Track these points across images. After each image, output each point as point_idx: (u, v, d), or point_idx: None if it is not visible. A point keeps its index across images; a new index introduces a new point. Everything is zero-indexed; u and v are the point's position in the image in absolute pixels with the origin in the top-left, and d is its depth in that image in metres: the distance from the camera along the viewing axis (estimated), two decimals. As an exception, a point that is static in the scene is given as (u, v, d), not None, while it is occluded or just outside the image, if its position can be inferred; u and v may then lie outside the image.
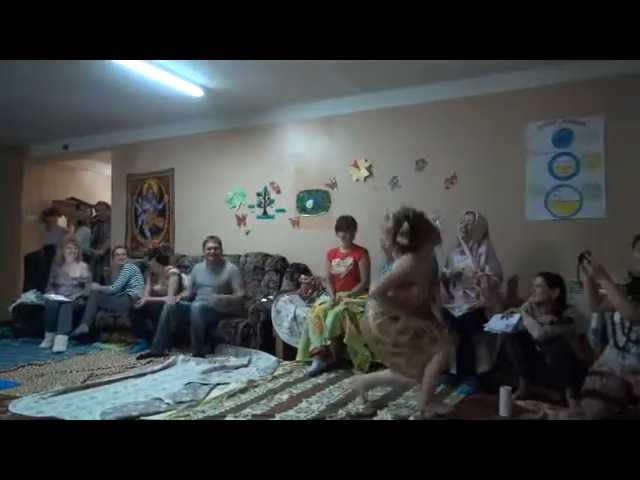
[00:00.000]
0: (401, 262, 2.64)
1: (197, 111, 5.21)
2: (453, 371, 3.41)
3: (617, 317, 2.55)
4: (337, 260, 4.20)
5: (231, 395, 3.22)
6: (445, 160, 4.43)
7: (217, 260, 4.62)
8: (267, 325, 4.28)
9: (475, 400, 3.11)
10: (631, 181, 3.72)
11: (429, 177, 4.51)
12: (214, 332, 4.35)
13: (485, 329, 3.22)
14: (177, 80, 4.27)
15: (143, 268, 5.31)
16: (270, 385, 3.46)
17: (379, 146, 4.75)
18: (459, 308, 3.50)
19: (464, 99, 4.34)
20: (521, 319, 3.06)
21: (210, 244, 4.58)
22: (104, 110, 5.19)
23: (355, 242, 4.24)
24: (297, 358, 3.96)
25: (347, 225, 4.17)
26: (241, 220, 5.48)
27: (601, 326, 3.13)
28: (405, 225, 2.58)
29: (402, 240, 2.58)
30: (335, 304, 3.93)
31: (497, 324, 3.17)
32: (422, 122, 4.54)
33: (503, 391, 2.80)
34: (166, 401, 3.04)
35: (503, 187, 4.18)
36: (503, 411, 2.77)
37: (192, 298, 4.54)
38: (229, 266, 4.64)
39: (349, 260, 4.16)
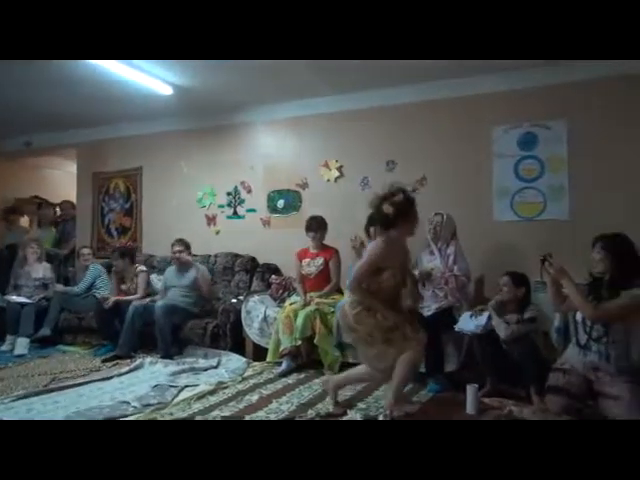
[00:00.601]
0: (372, 246, 2.69)
1: (166, 109, 5.13)
2: (422, 370, 3.45)
3: (579, 316, 2.62)
4: (307, 260, 4.20)
5: (200, 397, 3.18)
6: (415, 161, 4.49)
7: (182, 263, 4.57)
8: (237, 326, 4.24)
9: (443, 398, 3.15)
10: (592, 183, 3.84)
11: (399, 178, 4.50)
12: (182, 333, 4.29)
13: (456, 329, 3.28)
14: (145, 77, 4.19)
15: (109, 269, 5.20)
16: (240, 386, 3.43)
17: (350, 147, 4.77)
18: (428, 308, 3.54)
19: (433, 102, 4.40)
20: (490, 318, 3.12)
21: (176, 247, 4.56)
22: (69, 106, 5.06)
23: (326, 242, 4.25)
24: (267, 359, 3.94)
25: (317, 225, 4.18)
26: (211, 220, 5.42)
27: (564, 325, 3.21)
28: (400, 196, 2.61)
29: (388, 209, 2.59)
30: (306, 304, 3.93)
31: (467, 325, 3.22)
32: (392, 124, 4.58)
33: (470, 389, 2.85)
34: (133, 404, 2.99)
35: (471, 188, 4.26)
36: (470, 408, 2.82)
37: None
38: (197, 267, 4.60)
39: (319, 260, 4.16)
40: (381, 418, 2.73)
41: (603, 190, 3.78)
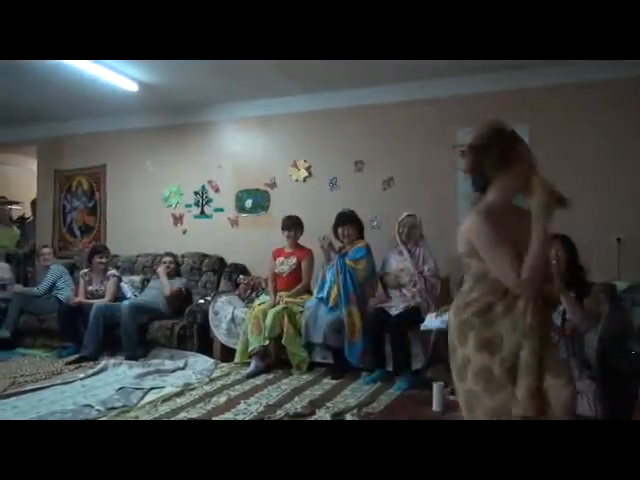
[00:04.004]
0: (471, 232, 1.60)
1: (131, 106, 5.02)
2: (389, 368, 3.50)
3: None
4: (281, 259, 4.20)
5: (166, 399, 3.14)
6: (383, 162, 4.54)
7: (172, 274, 4.66)
8: (204, 327, 4.19)
9: (410, 396, 3.19)
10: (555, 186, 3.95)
11: (367, 178, 4.60)
12: (148, 334, 4.22)
13: (422, 328, 3.33)
14: (110, 73, 4.09)
15: (72, 269, 5.06)
16: (207, 388, 3.39)
17: (318, 147, 4.78)
18: (396, 307, 3.59)
19: (401, 103, 4.45)
20: (455, 316, 3.18)
21: (165, 259, 4.70)
22: (28, 101, 4.88)
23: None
24: (235, 359, 3.92)
25: (292, 224, 4.18)
26: (178, 219, 5.34)
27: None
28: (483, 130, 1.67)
29: (467, 153, 1.68)
30: (275, 304, 3.92)
31: (432, 322, 3.29)
32: (361, 124, 4.61)
33: (436, 387, 2.90)
34: (96, 408, 2.92)
35: (436, 189, 4.33)
36: (436, 406, 2.87)
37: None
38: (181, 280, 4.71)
39: (293, 259, 4.16)
40: (349, 418, 2.75)
41: (567, 193, 3.89)
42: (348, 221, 3.89)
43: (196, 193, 5.28)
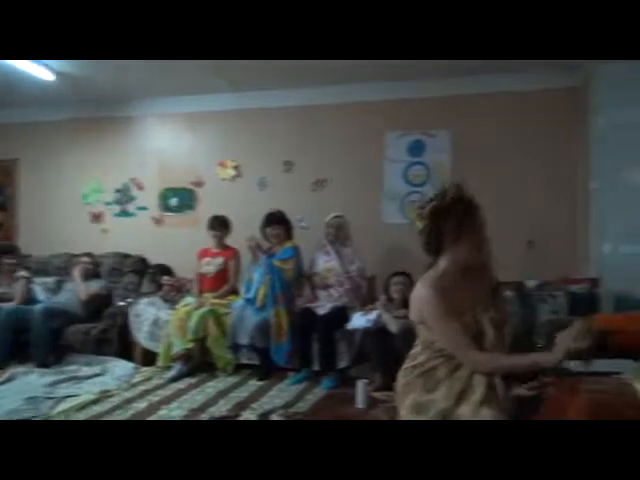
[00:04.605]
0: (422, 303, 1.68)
1: (47, 96, 4.71)
2: (315, 368, 3.52)
3: None
4: (207, 259, 4.11)
5: (81, 407, 2.97)
6: (312, 163, 4.57)
7: (89, 275, 4.42)
8: (125, 330, 4.01)
9: (335, 394, 3.23)
10: (472, 191, 4.14)
11: (296, 179, 4.61)
12: (62, 340, 3.97)
13: (348, 327, 3.40)
14: (23, 60, 3.80)
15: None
16: (127, 394, 3.25)
17: (247, 146, 4.74)
18: (323, 307, 3.63)
19: (331, 105, 4.51)
20: (380, 315, 3.28)
21: (82, 259, 4.44)
22: None
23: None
24: (158, 363, 3.79)
25: (219, 224, 4.11)
26: (97, 217, 5.09)
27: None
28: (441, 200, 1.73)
29: (419, 223, 1.72)
30: (200, 305, 3.83)
31: (358, 321, 3.37)
32: (290, 124, 4.62)
33: (360, 384, 2.95)
34: (1, 419, 2.71)
35: (363, 191, 4.42)
36: (360, 403, 2.93)
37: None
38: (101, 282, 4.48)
39: (219, 259, 4.08)
40: (275, 418, 2.74)
41: (483, 197, 4.10)
42: (276, 221, 3.88)
43: (118, 190, 5.05)
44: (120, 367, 3.78)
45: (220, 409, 2.94)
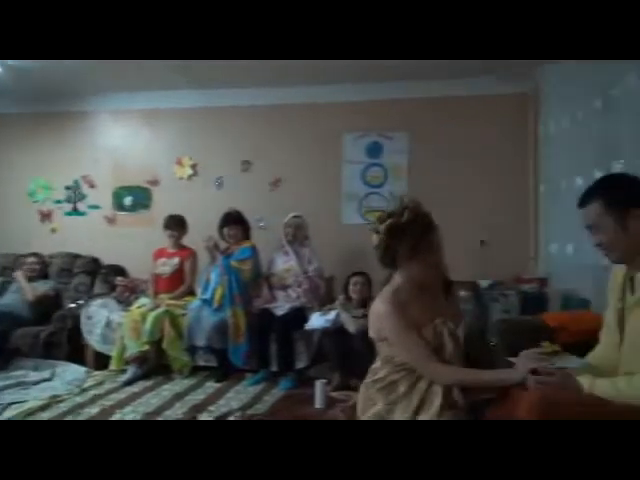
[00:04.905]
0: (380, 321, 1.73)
1: (-9, 89, 4.49)
2: (273, 368, 3.51)
3: None
4: (163, 259, 4.02)
5: (29, 414, 2.85)
6: (270, 163, 4.55)
7: (37, 276, 4.26)
8: (76, 333, 3.88)
9: (294, 395, 3.23)
10: (428, 193, 4.23)
11: (254, 179, 4.58)
12: (8, 343, 3.79)
13: (306, 328, 3.40)
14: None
15: None
16: (78, 399, 3.14)
17: (205, 145, 4.67)
18: (281, 307, 3.62)
19: (289, 105, 4.50)
20: (338, 315, 3.30)
21: (28, 260, 4.30)
22: None
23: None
24: (111, 367, 3.68)
25: (175, 223, 4.03)
26: (45, 216, 4.89)
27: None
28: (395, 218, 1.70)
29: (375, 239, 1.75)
30: (156, 307, 3.75)
31: (317, 321, 3.38)
32: (249, 124, 4.58)
33: (318, 384, 2.96)
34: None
35: (322, 192, 4.44)
36: (318, 403, 2.94)
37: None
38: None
39: (175, 260, 4.00)
40: (232, 418, 2.72)
41: (439, 198, 4.19)
42: (234, 221, 3.84)
43: (68, 188, 4.87)
44: (70, 371, 3.66)
45: (176, 412, 2.89)
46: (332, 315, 3.35)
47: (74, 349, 3.87)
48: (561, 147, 3.65)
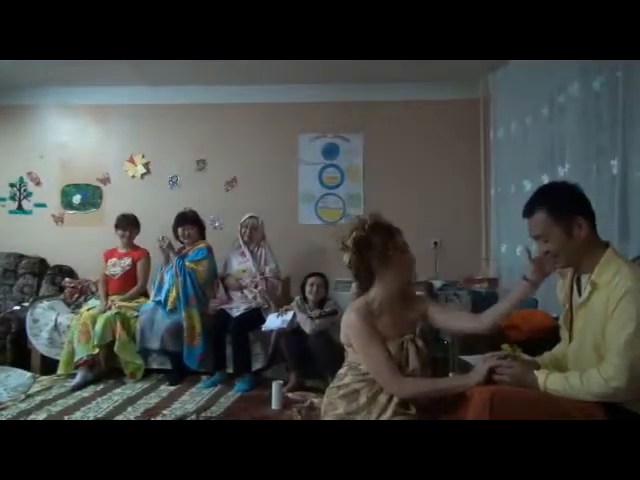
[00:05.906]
0: (351, 332, 1.76)
1: None
2: (229, 370, 3.47)
3: None
4: (114, 260, 3.90)
5: (-32, 423, 2.70)
6: (226, 162, 4.50)
7: None
8: (20, 337, 3.72)
9: (251, 396, 3.21)
10: (383, 194, 4.30)
11: (210, 178, 4.52)
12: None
13: (263, 329, 3.38)
14: None
15: None
16: (23, 405, 3.01)
17: (158, 143, 4.57)
18: (237, 308, 3.59)
19: (246, 105, 4.47)
20: (295, 315, 3.30)
21: None
22: None
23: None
24: (58, 371, 3.54)
25: (127, 223, 3.92)
26: (-12, 214, 4.66)
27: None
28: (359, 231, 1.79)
29: (346, 257, 1.79)
30: (106, 309, 3.64)
31: (273, 322, 3.37)
32: (203, 122, 4.52)
33: (275, 385, 2.96)
34: None
35: (278, 192, 4.44)
36: (275, 404, 2.93)
37: None
38: None
39: (127, 260, 3.89)
40: (191, 418, 2.69)
41: (394, 200, 4.25)
42: (189, 221, 3.77)
43: (12, 185, 4.65)
44: (15, 377, 3.50)
45: (128, 417, 2.81)
46: (289, 316, 3.34)
47: (19, 354, 3.72)
48: (511, 152, 3.79)
